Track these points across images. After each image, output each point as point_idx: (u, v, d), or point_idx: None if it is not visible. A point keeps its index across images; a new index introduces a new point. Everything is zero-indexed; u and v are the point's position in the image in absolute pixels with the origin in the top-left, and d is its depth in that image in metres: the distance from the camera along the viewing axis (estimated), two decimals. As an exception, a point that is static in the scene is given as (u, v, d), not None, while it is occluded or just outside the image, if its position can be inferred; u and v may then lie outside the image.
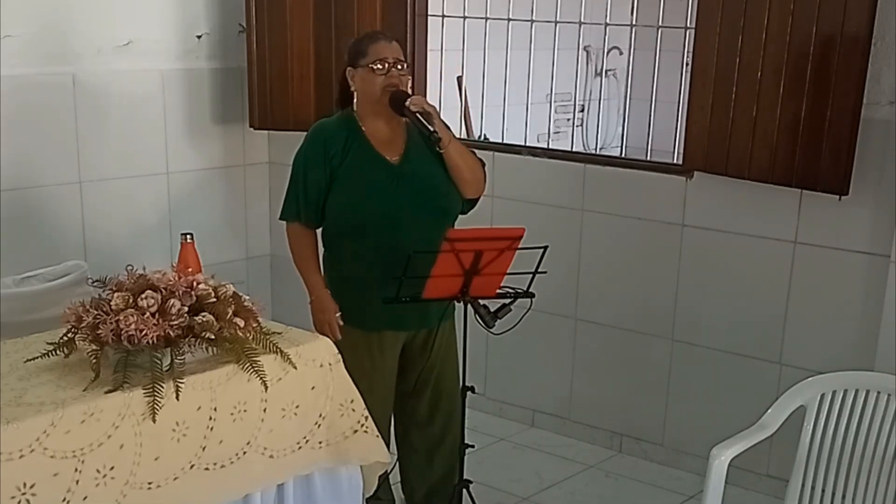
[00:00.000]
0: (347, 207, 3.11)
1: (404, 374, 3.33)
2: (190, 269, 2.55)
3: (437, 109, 3.09)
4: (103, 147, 4.34)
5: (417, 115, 3.00)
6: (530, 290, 3.07)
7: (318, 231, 3.25)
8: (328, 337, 3.14)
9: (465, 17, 4.56)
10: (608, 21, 4.56)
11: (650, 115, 4.40)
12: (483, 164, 3.23)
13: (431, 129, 2.99)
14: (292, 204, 3.19)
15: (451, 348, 3.33)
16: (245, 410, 2.45)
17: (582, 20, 4.52)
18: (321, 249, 3.27)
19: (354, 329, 3.18)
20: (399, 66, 3.06)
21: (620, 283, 4.16)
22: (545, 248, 2.99)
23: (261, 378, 2.42)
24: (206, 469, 2.39)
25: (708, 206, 3.88)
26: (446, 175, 3.12)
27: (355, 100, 3.15)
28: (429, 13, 4.44)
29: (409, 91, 3.12)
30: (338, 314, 3.17)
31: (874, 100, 3.41)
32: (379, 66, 3.04)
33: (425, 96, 4.20)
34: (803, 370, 3.57)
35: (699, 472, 3.64)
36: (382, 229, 3.08)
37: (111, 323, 2.26)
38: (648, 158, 4.28)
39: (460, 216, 3.26)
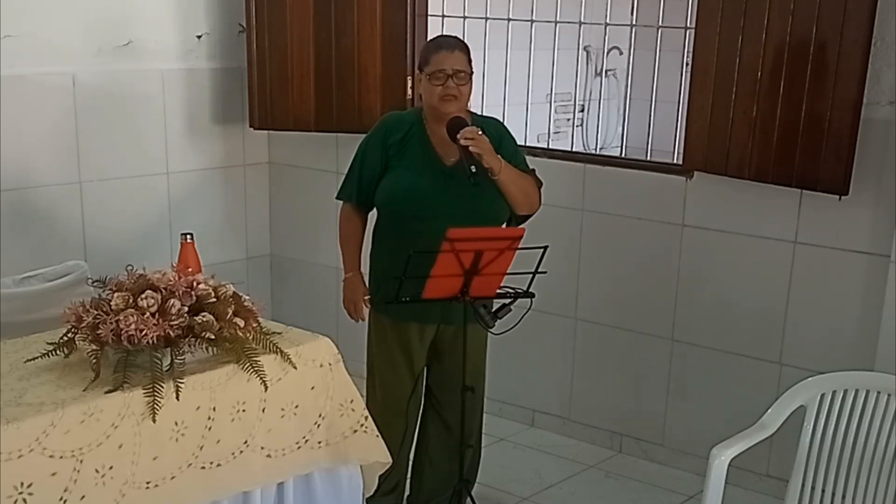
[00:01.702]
0: (392, 193, 3.18)
1: (433, 368, 3.38)
2: (190, 269, 2.55)
3: (489, 145, 3.05)
4: (103, 147, 4.34)
5: (467, 149, 3.01)
6: (530, 290, 3.07)
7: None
8: (352, 316, 3.28)
9: (465, 17, 4.56)
10: (608, 21, 4.56)
11: (650, 115, 4.39)
12: (540, 184, 3.24)
13: (472, 168, 2.97)
14: (347, 185, 3.30)
15: (482, 350, 3.36)
16: (244, 410, 2.45)
17: (582, 20, 4.52)
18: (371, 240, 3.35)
19: (385, 317, 3.27)
20: (461, 75, 3.10)
21: (620, 283, 4.16)
22: (545, 248, 2.99)
23: (261, 378, 2.42)
24: (203, 468, 2.39)
25: (708, 206, 3.88)
26: (495, 187, 3.12)
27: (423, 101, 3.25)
28: (429, 13, 4.44)
29: (469, 98, 3.16)
30: (366, 297, 3.26)
31: (874, 100, 3.41)
32: (438, 76, 3.10)
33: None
34: (803, 370, 3.57)
35: (699, 472, 3.64)
36: (422, 224, 3.12)
37: (111, 323, 2.26)
38: (648, 158, 4.28)
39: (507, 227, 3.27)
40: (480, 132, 3.06)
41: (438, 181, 3.16)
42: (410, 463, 3.52)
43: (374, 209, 3.31)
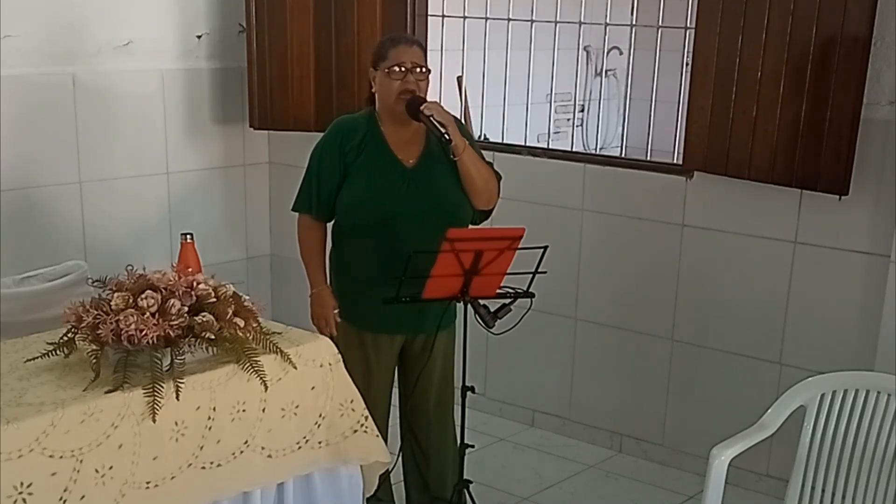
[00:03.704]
0: (355, 204, 3.12)
1: (404, 376, 3.35)
2: (190, 269, 2.55)
3: (454, 117, 3.08)
4: (103, 147, 4.34)
5: (431, 118, 2.99)
6: (530, 290, 3.07)
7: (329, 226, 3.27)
8: (323, 332, 3.17)
9: (465, 17, 4.56)
10: (608, 21, 4.56)
11: (650, 115, 4.40)
12: (499, 178, 3.22)
13: (443, 130, 2.97)
14: (304, 196, 3.21)
15: (449, 354, 3.34)
16: (244, 410, 2.45)
17: (582, 20, 4.53)
18: (329, 245, 3.28)
19: (352, 327, 3.21)
20: (419, 70, 3.06)
21: (620, 284, 4.16)
22: (545, 248, 2.99)
23: (261, 378, 2.42)
24: (203, 468, 2.39)
25: (708, 206, 3.88)
26: (458, 185, 3.11)
27: (376, 101, 3.17)
28: (429, 13, 4.44)
29: (426, 96, 3.10)
30: (336, 310, 3.19)
31: (874, 100, 3.41)
32: (396, 70, 3.04)
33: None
34: (803, 370, 3.57)
35: (699, 472, 3.64)
36: (387, 230, 3.08)
37: (111, 323, 2.26)
38: (648, 158, 4.28)
39: (473, 227, 3.26)
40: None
41: (402, 186, 3.09)
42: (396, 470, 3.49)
43: (331, 219, 3.22)
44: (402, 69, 3.04)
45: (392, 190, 3.09)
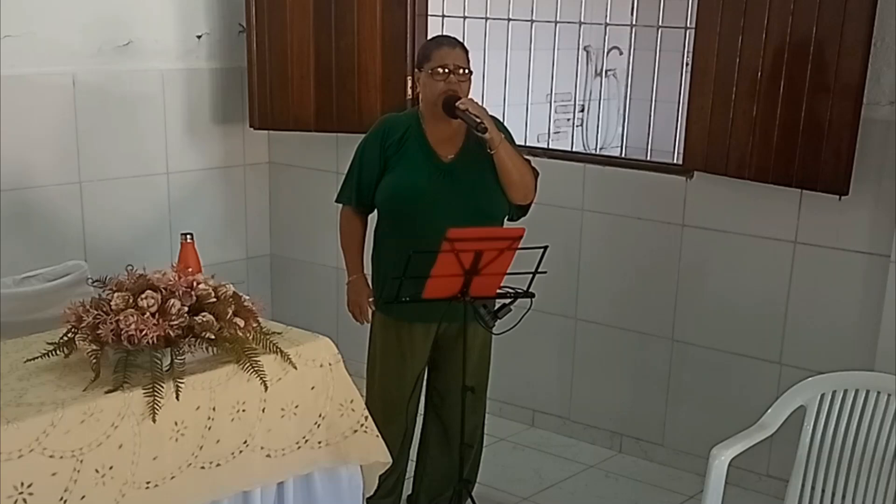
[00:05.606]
0: (391, 192, 3.19)
1: (436, 363, 3.39)
2: (190, 269, 2.54)
3: (491, 115, 3.14)
4: (103, 147, 4.34)
5: (467, 111, 3.05)
6: (530, 290, 3.07)
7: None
8: (357, 319, 3.30)
9: (465, 17, 4.56)
10: (608, 21, 4.56)
11: (650, 115, 4.40)
12: (536, 174, 3.26)
13: (478, 121, 3.02)
14: (346, 188, 3.31)
15: (486, 342, 3.38)
16: (244, 410, 2.45)
17: (582, 20, 4.53)
18: (372, 247, 3.36)
19: (387, 316, 3.28)
20: (461, 71, 3.13)
21: (620, 283, 4.16)
22: (545, 248, 2.99)
23: (261, 378, 2.42)
24: (203, 468, 2.39)
25: (708, 206, 3.88)
26: (495, 180, 3.16)
27: (420, 100, 3.25)
28: (429, 13, 4.44)
29: (468, 96, 3.16)
30: (370, 299, 3.28)
31: (874, 100, 3.41)
32: (439, 71, 3.11)
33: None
34: (803, 370, 3.57)
35: (699, 472, 3.64)
36: (423, 222, 3.12)
37: (111, 323, 2.26)
38: (648, 158, 4.28)
39: (511, 223, 3.29)
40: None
41: (438, 179, 3.16)
42: (412, 462, 3.52)
43: (375, 211, 3.31)
44: (445, 70, 3.11)
45: (427, 181, 3.15)
